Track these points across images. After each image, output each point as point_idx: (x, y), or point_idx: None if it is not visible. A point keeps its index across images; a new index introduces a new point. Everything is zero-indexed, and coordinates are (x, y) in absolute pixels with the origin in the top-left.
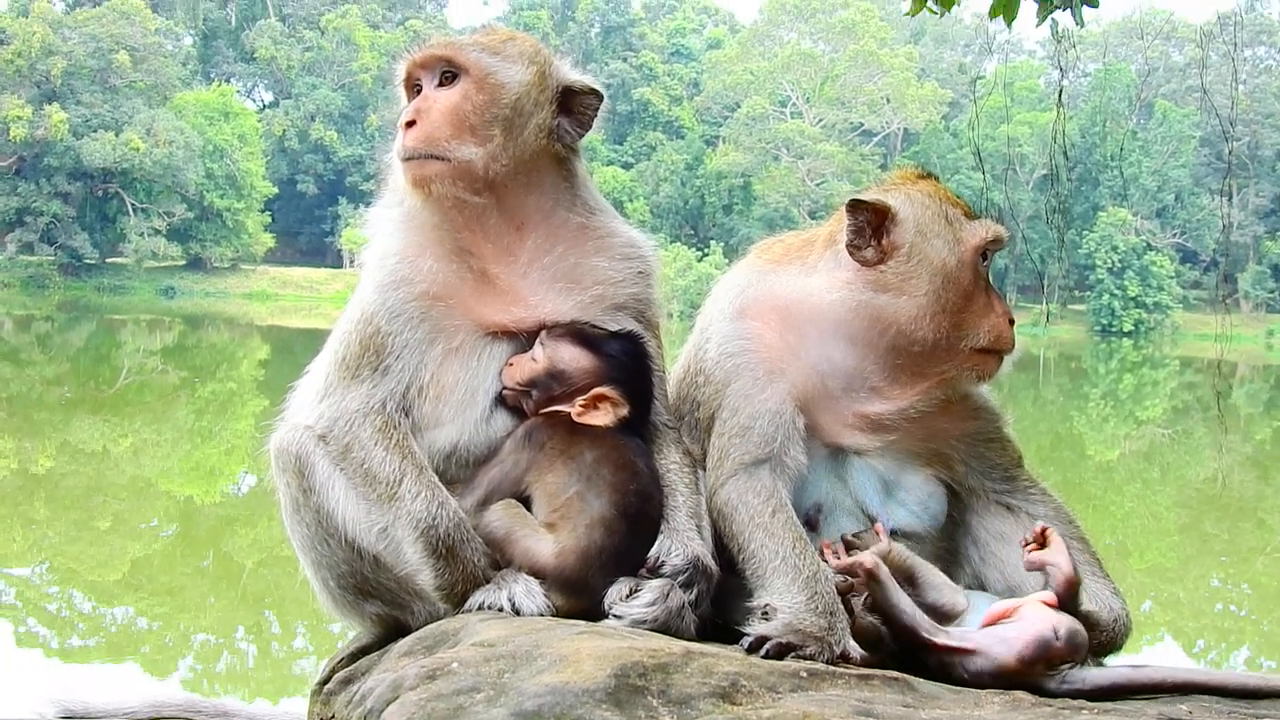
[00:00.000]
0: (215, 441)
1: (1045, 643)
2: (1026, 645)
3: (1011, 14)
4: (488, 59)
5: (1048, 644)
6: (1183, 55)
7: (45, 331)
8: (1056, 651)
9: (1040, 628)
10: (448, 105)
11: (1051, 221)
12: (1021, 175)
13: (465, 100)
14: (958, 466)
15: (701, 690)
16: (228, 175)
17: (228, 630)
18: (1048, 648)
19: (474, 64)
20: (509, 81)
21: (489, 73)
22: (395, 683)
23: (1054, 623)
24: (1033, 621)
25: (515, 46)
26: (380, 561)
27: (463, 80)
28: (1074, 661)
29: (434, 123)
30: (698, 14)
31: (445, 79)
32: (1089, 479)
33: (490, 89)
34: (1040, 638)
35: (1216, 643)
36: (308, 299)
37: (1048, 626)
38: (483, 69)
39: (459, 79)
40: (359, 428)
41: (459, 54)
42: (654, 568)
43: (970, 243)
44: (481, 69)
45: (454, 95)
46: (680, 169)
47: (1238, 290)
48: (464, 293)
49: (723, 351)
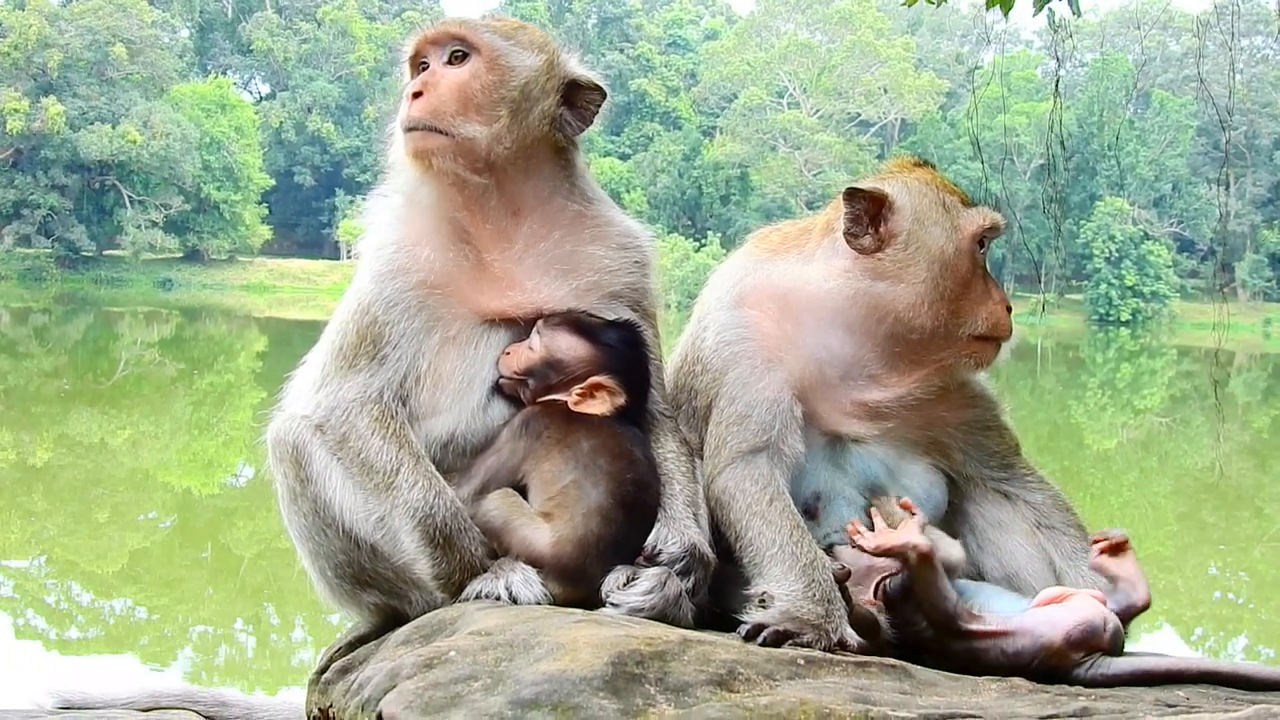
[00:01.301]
0: (213, 433)
1: (1094, 629)
2: (1075, 626)
3: (1008, 4)
4: (500, 41)
5: (1096, 631)
6: (1180, 45)
7: (43, 324)
8: (1100, 641)
9: (1091, 615)
10: (456, 81)
11: (1048, 211)
12: (1019, 165)
13: (474, 79)
14: (955, 454)
15: (699, 678)
16: (225, 167)
17: (226, 621)
18: (1095, 634)
19: (486, 44)
20: (519, 65)
21: (500, 54)
22: (393, 671)
23: (1104, 614)
24: (1084, 608)
25: (526, 34)
26: (378, 551)
27: (473, 59)
28: (1105, 653)
29: (441, 96)
30: (694, 5)
31: (455, 57)
32: (1087, 468)
33: (500, 70)
34: (1090, 623)
35: (1215, 631)
36: (305, 291)
37: (1099, 615)
38: (495, 50)
39: (469, 58)
40: (356, 417)
41: (473, 33)
42: (651, 556)
43: (968, 230)
44: (493, 50)
45: (463, 73)
46: (677, 159)
47: (1235, 279)
48: (461, 281)
49: (720, 340)
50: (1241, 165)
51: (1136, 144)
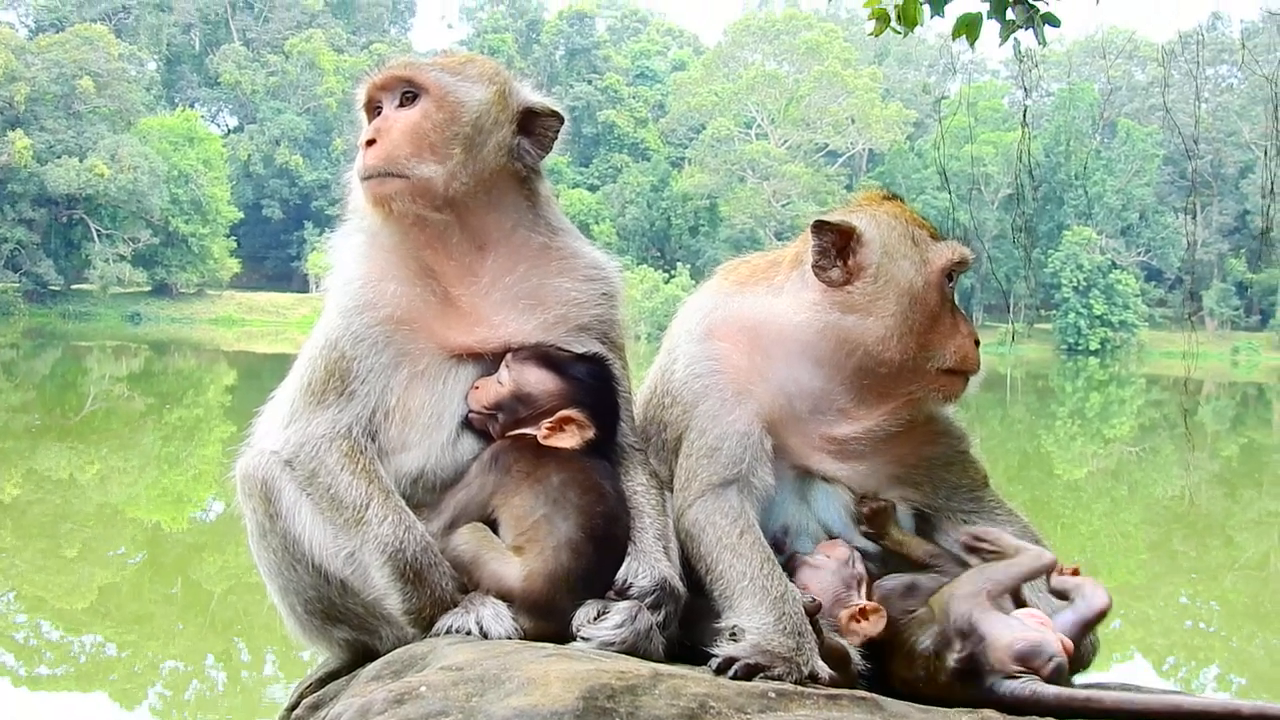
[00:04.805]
0: (182, 468)
1: (1040, 651)
2: (1025, 640)
3: (974, 34)
4: (447, 78)
5: (1041, 654)
6: (1145, 74)
7: (10, 359)
8: (1039, 664)
9: (1043, 640)
10: (408, 124)
11: (1017, 241)
12: (987, 195)
13: (425, 119)
14: (924, 487)
15: (670, 712)
16: (193, 200)
17: (197, 658)
18: (1038, 656)
19: (434, 83)
20: (469, 100)
21: (448, 91)
22: (363, 707)
23: (1056, 648)
24: (1039, 632)
25: (475, 67)
26: (347, 586)
27: (423, 100)
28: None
29: (394, 141)
30: (662, 36)
31: (405, 99)
32: (1057, 498)
33: (450, 107)
34: (1039, 644)
35: (1186, 660)
36: (274, 324)
37: (1051, 644)
38: (442, 88)
39: (419, 99)
40: (325, 453)
41: (419, 74)
42: (622, 590)
43: (936, 264)
44: (441, 88)
45: (414, 114)
46: (646, 191)
47: (1203, 308)
48: (428, 316)
49: (690, 373)
50: (1208, 194)
51: (1103, 173)
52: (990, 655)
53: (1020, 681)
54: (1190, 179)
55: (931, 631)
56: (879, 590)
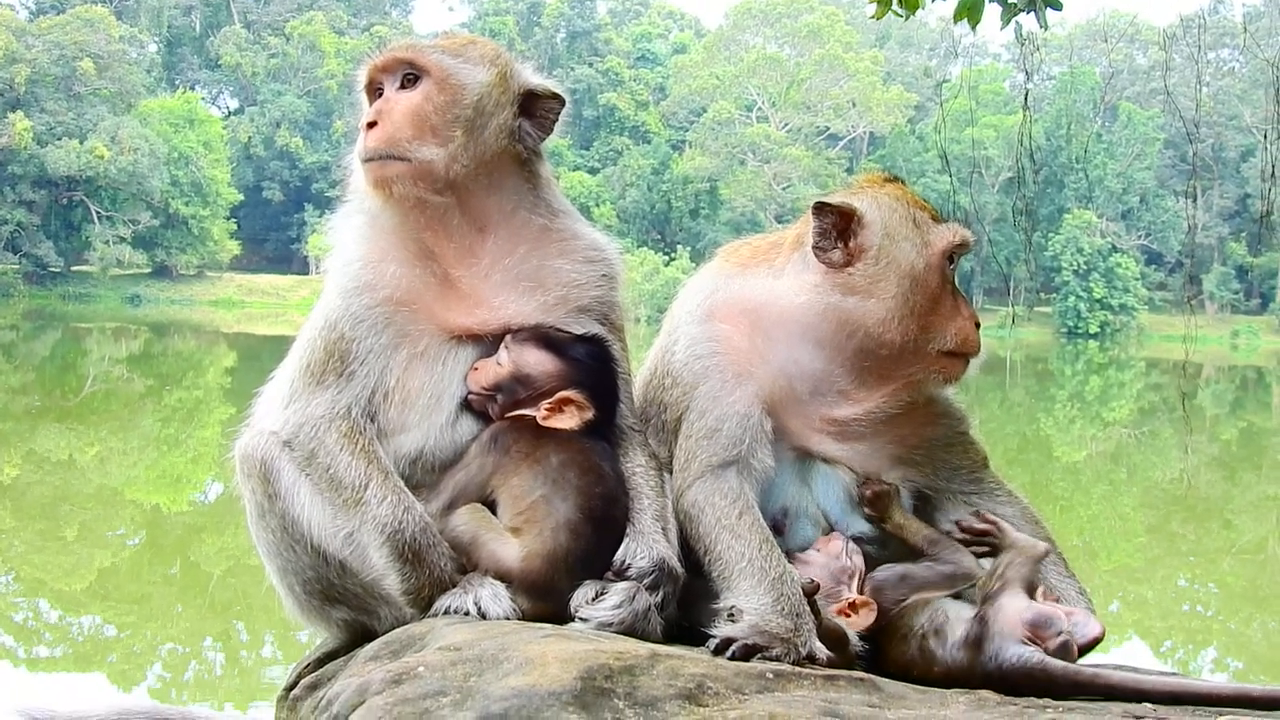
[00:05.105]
0: (182, 449)
1: (1050, 623)
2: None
3: (976, 17)
4: (449, 60)
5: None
6: (1147, 58)
7: (10, 340)
8: (1047, 636)
9: (1053, 614)
10: (409, 106)
11: (1017, 224)
12: (987, 178)
13: (426, 101)
14: (924, 469)
15: (668, 692)
16: (193, 182)
17: (195, 639)
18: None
19: (435, 65)
20: (470, 82)
21: (450, 74)
22: (361, 687)
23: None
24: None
25: (476, 50)
26: (346, 567)
27: (424, 82)
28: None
29: (395, 123)
30: (663, 19)
31: (407, 81)
32: (1056, 480)
33: (452, 90)
34: (1049, 618)
35: (1184, 643)
36: (274, 306)
37: (1060, 618)
38: (444, 70)
39: (420, 81)
40: (324, 433)
41: (420, 56)
42: (620, 570)
43: (937, 246)
44: (443, 70)
45: (415, 96)
46: (647, 173)
47: (1203, 292)
48: (428, 297)
49: (691, 354)
50: (1208, 178)
51: (1104, 157)
52: (1001, 619)
53: (1029, 650)
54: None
55: (930, 614)
56: (871, 582)
